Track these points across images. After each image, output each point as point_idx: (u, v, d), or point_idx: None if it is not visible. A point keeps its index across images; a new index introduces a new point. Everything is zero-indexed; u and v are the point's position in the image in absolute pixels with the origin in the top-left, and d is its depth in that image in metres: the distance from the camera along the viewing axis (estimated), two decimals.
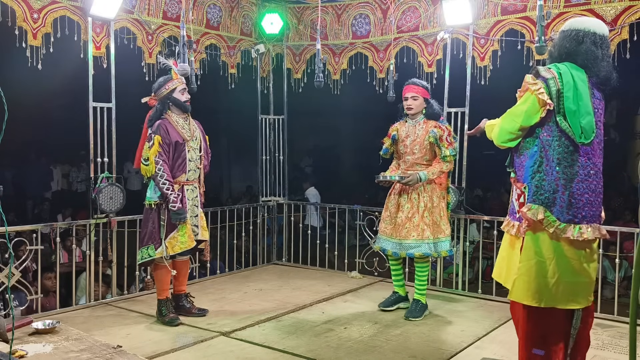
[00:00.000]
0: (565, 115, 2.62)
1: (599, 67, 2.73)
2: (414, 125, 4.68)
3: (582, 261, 2.72)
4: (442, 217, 4.65)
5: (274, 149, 6.89)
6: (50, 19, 4.73)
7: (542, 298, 2.71)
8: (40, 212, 10.66)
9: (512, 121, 2.73)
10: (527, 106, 2.69)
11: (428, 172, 4.57)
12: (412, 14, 5.85)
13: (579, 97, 2.63)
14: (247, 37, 6.51)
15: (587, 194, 2.69)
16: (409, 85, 4.68)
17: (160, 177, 4.28)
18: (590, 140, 2.66)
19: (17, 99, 4.76)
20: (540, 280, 2.70)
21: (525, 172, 2.76)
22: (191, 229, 4.45)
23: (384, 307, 4.83)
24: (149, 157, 4.28)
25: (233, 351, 3.88)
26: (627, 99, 11.39)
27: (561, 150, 2.67)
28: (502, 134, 2.78)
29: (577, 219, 2.68)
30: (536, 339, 2.77)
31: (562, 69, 2.67)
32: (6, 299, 4.67)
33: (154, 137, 4.30)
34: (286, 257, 6.95)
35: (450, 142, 4.56)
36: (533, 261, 2.72)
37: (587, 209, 2.70)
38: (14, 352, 3.23)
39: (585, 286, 2.76)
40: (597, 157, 2.74)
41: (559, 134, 2.66)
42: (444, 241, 4.64)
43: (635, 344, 2.17)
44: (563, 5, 4.91)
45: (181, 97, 4.45)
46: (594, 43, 2.74)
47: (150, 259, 4.38)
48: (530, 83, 2.69)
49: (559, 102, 2.63)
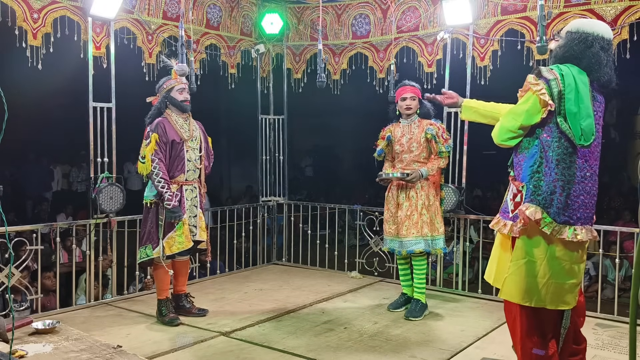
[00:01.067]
0: (566, 116, 2.62)
1: (603, 72, 2.73)
2: (409, 124, 4.76)
3: (572, 262, 2.74)
4: (437, 215, 4.72)
5: (274, 149, 6.89)
6: (50, 19, 4.73)
7: (532, 297, 2.73)
8: (40, 212, 10.66)
9: (512, 120, 2.73)
10: (528, 105, 2.69)
11: (428, 168, 4.66)
12: (412, 14, 5.85)
13: (580, 100, 2.62)
14: (247, 37, 6.51)
15: (582, 196, 2.70)
16: (405, 87, 4.75)
17: (156, 175, 4.28)
18: (589, 143, 2.67)
19: (17, 99, 4.77)
20: (530, 280, 2.72)
21: (524, 172, 2.76)
22: (189, 229, 4.45)
23: (393, 309, 4.83)
24: (145, 155, 4.29)
25: (233, 351, 3.88)
26: (627, 99, 11.37)
27: (560, 152, 2.67)
28: (502, 132, 2.78)
29: (572, 220, 2.69)
30: (535, 337, 2.77)
31: (565, 71, 2.67)
32: (6, 299, 4.67)
33: (151, 134, 4.30)
34: (286, 257, 6.95)
35: (445, 139, 4.68)
36: (523, 261, 2.74)
37: (582, 211, 2.71)
38: (14, 352, 3.23)
39: (573, 287, 2.78)
40: (594, 159, 2.75)
41: (559, 135, 2.66)
42: (438, 239, 4.70)
43: (635, 344, 2.17)
44: (563, 5, 4.91)
45: (178, 96, 4.44)
46: (602, 48, 2.74)
47: (148, 258, 4.39)
48: (532, 83, 2.69)
49: (560, 103, 2.63)
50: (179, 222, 4.36)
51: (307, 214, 6.95)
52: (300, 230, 6.77)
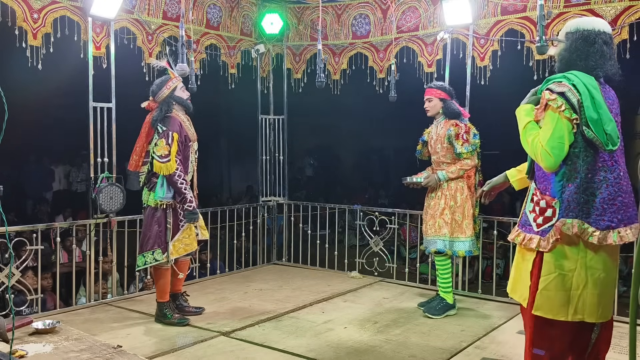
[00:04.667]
0: (589, 125, 2.56)
1: (608, 66, 2.70)
2: (436, 125, 4.77)
3: (607, 271, 2.66)
4: (466, 217, 4.62)
5: (274, 149, 6.90)
6: (50, 19, 4.73)
7: (567, 311, 2.64)
8: (40, 212, 10.65)
9: (559, 144, 2.59)
10: (564, 124, 2.58)
11: (447, 171, 4.63)
12: (412, 14, 5.85)
13: (598, 105, 2.57)
14: (247, 37, 6.51)
15: (620, 197, 2.62)
16: (426, 89, 4.80)
17: (179, 176, 4.21)
18: (617, 147, 2.61)
19: (17, 99, 4.75)
20: (563, 294, 2.64)
21: (554, 187, 2.68)
22: (194, 230, 4.47)
23: (420, 307, 4.86)
24: (169, 154, 4.17)
25: (233, 351, 3.88)
26: (627, 99, 11.36)
27: (590, 160, 2.60)
28: (557, 161, 2.60)
29: (613, 224, 2.59)
30: (540, 344, 2.73)
31: (574, 80, 2.61)
32: (6, 299, 4.67)
33: (172, 133, 4.21)
34: (286, 257, 6.95)
35: (466, 140, 4.56)
36: (554, 275, 2.66)
37: (623, 212, 2.62)
38: (14, 352, 3.23)
39: (610, 297, 2.69)
40: (620, 157, 2.69)
41: (585, 144, 2.60)
42: (463, 241, 4.62)
43: (635, 344, 2.17)
44: (563, 5, 4.91)
45: (183, 94, 4.45)
46: (605, 43, 2.70)
47: (157, 263, 4.33)
48: (551, 99, 2.60)
49: (580, 112, 2.57)
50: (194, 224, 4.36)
51: (307, 214, 6.95)
52: (300, 230, 6.77)
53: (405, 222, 6.33)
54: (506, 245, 6.96)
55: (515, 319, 4.44)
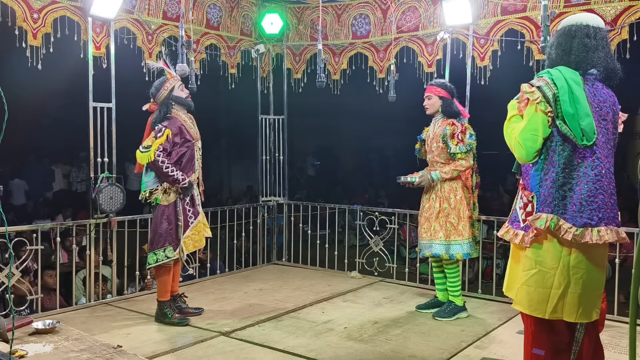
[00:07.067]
0: (564, 119, 2.56)
1: (593, 58, 2.67)
2: (434, 124, 4.71)
3: (591, 271, 2.61)
4: (462, 219, 4.54)
5: (274, 149, 6.90)
6: (50, 19, 4.73)
7: (545, 309, 2.62)
8: (40, 212, 10.65)
9: (532, 137, 2.61)
10: (539, 117, 2.59)
11: (440, 171, 4.56)
12: (412, 14, 5.85)
13: (575, 100, 2.56)
14: (247, 37, 6.51)
15: (601, 195, 2.59)
16: (427, 87, 4.76)
17: (162, 162, 4.21)
18: (592, 142, 2.57)
19: (17, 99, 4.76)
20: (543, 291, 2.62)
21: (532, 180, 2.69)
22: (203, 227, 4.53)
23: (419, 309, 4.84)
24: (151, 145, 4.22)
25: (233, 351, 3.88)
26: (627, 99, 11.35)
27: (566, 155, 2.59)
28: (529, 152, 2.62)
29: (593, 222, 2.56)
30: (539, 344, 2.73)
31: (555, 74, 2.62)
32: (6, 299, 4.67)
33: (165, 130, 4.26)
34: (286, 257, 6.95)
35: (460, 139, 4.48)
36: (534, 271, 2.64)
37: (604, 211, 2.59)
38: (14, 352, 3.22)
39: (595, 299, 2.65)
40: (605, 155, 2.64)
41: (561, 138, 2.60)
42: (460, 244, 4.54)
43: (635, 344, 2.17)
44: (563, 6, 4.91)
45: (182, 93, 4.45)
46: (587, 35, 2.69)
47: (169, 260, 4.36)
48: (528, 92, 2.62)
49: (556, 106, 2.58)
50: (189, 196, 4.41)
51: (307, 214, 6.95)
52: (300, 230, 6.77)
53: (405, 222, 6.33)
54: (506, 245, 6.95)
55: (515, 319, 4.44)
